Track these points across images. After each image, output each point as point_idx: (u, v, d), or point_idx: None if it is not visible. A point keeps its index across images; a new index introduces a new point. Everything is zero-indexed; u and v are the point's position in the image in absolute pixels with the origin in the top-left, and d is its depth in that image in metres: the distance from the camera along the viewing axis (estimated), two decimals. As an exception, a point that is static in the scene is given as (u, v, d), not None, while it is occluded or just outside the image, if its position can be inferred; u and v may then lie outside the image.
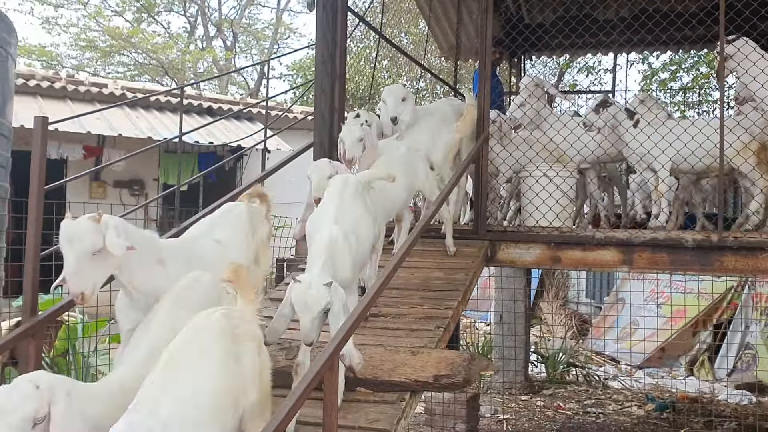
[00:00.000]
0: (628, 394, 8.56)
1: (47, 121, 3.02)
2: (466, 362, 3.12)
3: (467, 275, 4.41)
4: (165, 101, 12.73)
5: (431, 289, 4.26)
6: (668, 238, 4.66)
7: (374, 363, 3.22)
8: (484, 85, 5.18)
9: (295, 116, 12.78)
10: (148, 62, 22.50)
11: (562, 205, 5.19)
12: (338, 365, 2.62)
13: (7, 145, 3.77)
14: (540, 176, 5.21)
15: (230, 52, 24.03)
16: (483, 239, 4.98)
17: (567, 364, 9.38)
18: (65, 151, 11.17)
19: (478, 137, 5.06)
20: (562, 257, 4.86)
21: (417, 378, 3.13)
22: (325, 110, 5.43)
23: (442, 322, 3.79)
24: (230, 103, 14.07)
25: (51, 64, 20.81)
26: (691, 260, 4.61)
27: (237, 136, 11.89)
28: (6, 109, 3.82)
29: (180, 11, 25.36)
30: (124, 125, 11.37)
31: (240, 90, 24.96)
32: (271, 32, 24.81)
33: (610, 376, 9.38)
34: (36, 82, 11.65)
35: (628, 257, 4.74)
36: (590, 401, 8.24)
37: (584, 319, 12.22)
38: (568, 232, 5.01)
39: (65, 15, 23.09)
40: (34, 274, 3.07)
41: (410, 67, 9.12)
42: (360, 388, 3.17)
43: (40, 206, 3.01)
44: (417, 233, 3.57)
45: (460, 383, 3.09)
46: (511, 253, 4.98)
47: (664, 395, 8.23)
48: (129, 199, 12.02)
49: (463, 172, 4.87)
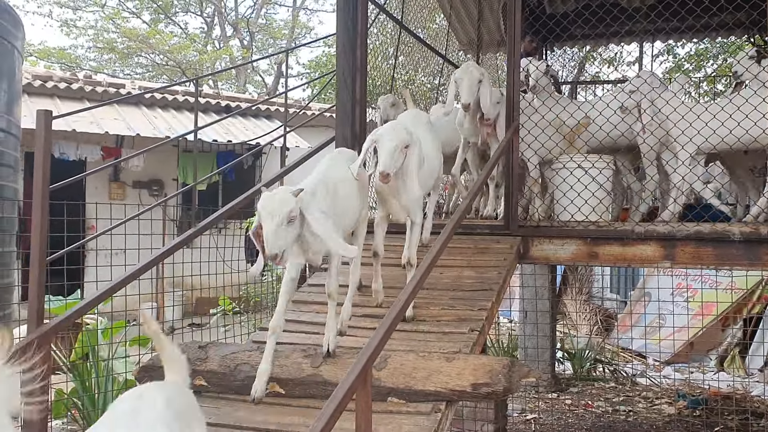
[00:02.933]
0: (658, 390, 8.35)
1: (50, 114, 2.84)
2: (505, 369, 2.89)
3: (500, 273, 4.17)
4: (183, 100, 12.67)
5: (462, 289, 4.03)
6: (713, 231, 4.41)
7: (406, 371, 3.01)
8: (513, 74, 4.95)
9: (313, 113, 12.64)
10: (166, 63, 22.49)
11: (598, 198, 4.93)
12: (371, 378, 2.40)
13: (16, 143, 3.61)
14: (575, 168, 4.96)
15: (247, 51, 23.95)
16: (515, 235, 4.75)
17: (594, 361, 9.20)
18: (84, 152, 11.15)
19: (508, 128, 4.83)
20: (600, 253, 4.63)
21: (453, 387, 2.91)
22: (347, 103, 5.25)
23: (477, 324, 3.57)
24: (248, 102, 13.97)
25: (70, 66, 20.84)
26: (738, 254, 4.36)
27: (255, 134, 11.78)
28: (13, 107, 3.65)
29: (197, 12, 25.39)
30: (141, 125, 11.33)
31: (257, 89, 24.90)
32: (288, 31, 24.71)
33: (638, 372, 9.15)
34: (53, 83, 11.62)
35: (669, 252, 4.50)
36: (619, 399, 8.03)
37: (609, 315, 11.98)
38: (605, 226, 4.76)
39: (84, 17, 23.19)
40: (40, 280, 2.87)
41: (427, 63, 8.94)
42: (392, 398, 2.96)
43: (45, 207, 2.81)
44: (451, 229, 3.35)
45: (501, 392, 2.86)
46: (544, 250, 4.74)
47: (695, 392, 7.99)
48: (148, 200, 11.95)
49: (495, 164, 4.65)
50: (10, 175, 3.97)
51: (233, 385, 3.34)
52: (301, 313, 4.02)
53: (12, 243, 3.90)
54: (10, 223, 3.97)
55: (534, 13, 8.55)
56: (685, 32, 8.93)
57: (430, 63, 9.13)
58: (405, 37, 7.60)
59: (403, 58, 7.83)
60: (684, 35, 9.65)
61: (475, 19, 8.93)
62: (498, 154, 4.51)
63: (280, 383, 3.22)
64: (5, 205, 4.22)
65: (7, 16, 4.15)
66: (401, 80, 8.04)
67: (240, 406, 3.25)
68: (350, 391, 2.17)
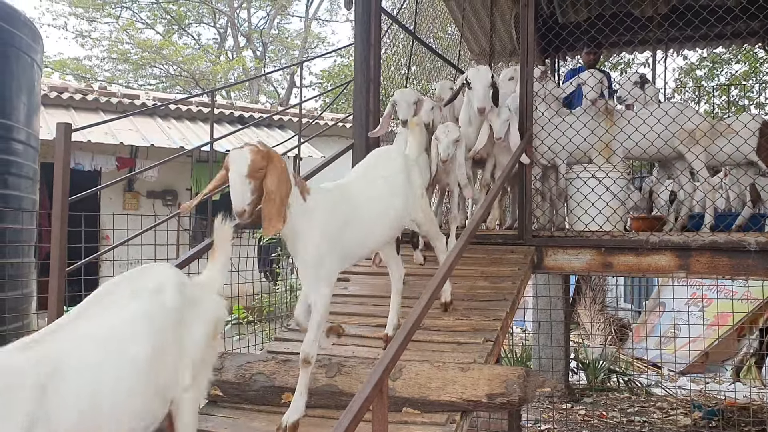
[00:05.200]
0: (673, 401, 8.26)
1: (70, 128, 2.88)
2: (521, 379, 2.89)
3: (514, 283, 4.17)
4: (197, 111, 12.75)
5: (477, 299, 4.03)
6: (729, 241, 4.39)
7: (421, 381, 3.00)
8: (526, 84, 4.96)
9: (326, 123, 12.67)
10: (179, 73, 22.67)
11: (612, 208, 4.93)
12: (387, 389, 2.41)
13: (34, 155, 3.65)
14: (588, 177, 4.96)
15: (260, 62, 24.10)
16: (529, 245, 4.75)
17: (608, 371, 9.14)
18: (98, 163, 11.24)
19: (522, 136, 4.84)
20: (614, 263, 4.62)
21: (468, 397, 2.90)
22: (362, 113, 5.29)
23: (491, 334, 3.56)
24: (261, 112, 14.04)
25: (85, 77, 21.06)
26: (755, 264, 4.34)
27: (269, 144, 11.80)
28: (32, 119, 3.70)
29: (210, 23, 25.59)
30: (156, 136, 11.40)
31: (270, 99, 25.03)
32: (300, 41, 24.85)
33: (653, 382, 9.08)
34: (69, 94, 11.73)
35: (684, 262, 4.48)
36: (633, 409, 7.97)
37: (623, 324, 11.90)
38: (619, 236, 4.75)
39: (98, 28, 23.45)
40: (60, 290, 2.90)
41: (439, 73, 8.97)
42: (407, 408, 2.96)
43: (64, 216, 2.84)
44: (465, 239, 3.35)
45: (516, 402, 2.85)
46: (558, 260, 4.74)
47: (710, 402, 7.90)
48: (162, 210, 12.03)
49: (509, 174, 4.65)
50: (29, 187, 4.03)
51: (248, 395, 3.35)
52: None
53: (31, 253, 3.95)
54: (29, 234, 4.03)
55: (547, 23, 8.57)
56: (699, 41, 8.90)
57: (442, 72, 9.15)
58: (417, 47, 7.64)
59: (416, 67, 7.86)
60: (697, 44, 9.63)
61: (487, 29, 8.97)
62: (512, 164, 4.52)
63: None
64: (24, 216, 4.28)
65: (27, 31, 4.22)
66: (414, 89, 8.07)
67: (256, 416, 3.26)
68: (367, 402, 2.17)
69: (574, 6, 8.89)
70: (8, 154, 4.30)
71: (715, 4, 6.29)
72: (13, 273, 4.40)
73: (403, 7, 7.46)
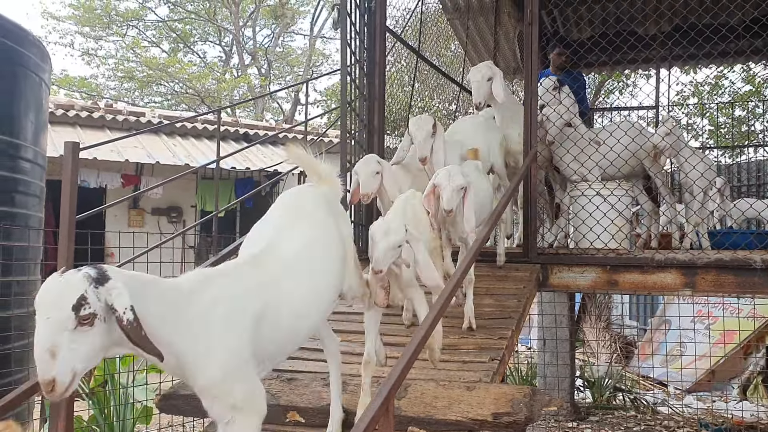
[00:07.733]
0: (679, 419, 8.18)
1: (78, 146, 2.89)
2: (527, 398, 2.87)
3: (520, 302, 4.16)
4: (202, 128, 12.81)
5: (482, 317, 4.01)
6: (734, 259, 4.38)
7: (427, 400, 2.99)
8: (531, 102, 4.98)
9: (330, 140, 12.71)
10: (185, 91, 22.80)
11: (617, 225, 4.93)
12: (393, 407, 2.40)
13: (41, 174, 3.67)
14: (593, 195, 4.96)
15: (265, 79, 24.25)
16: (534, 263, 4.74)
17: (614, 389, 9.08)
18: (104, 180, 11.29)
19: (526, 155, 4.85)
20: (620, 281, 4.62)
21: (474, 416, 2.88)
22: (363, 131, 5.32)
23: (497, 353, 3.55)
24: (266, 129, 14.10)
25: (91, 95, 21.20)
26: (761, 282, 4.34)
27: (273, 161, 11.87)
28: (40, 137, 3.73)
29: (215, 41, 25.79)
30: (161, 153, 11.45)
31: (275, 116, 25.16)
32: (305, 59, 25.01)
33: (659, 400, 9.00)
34: (75, 112, 11.81)
35: (690, 280, 4.48)
36: (640, 428, 7.90)
37: (629, 342, 11.84)
38: (625, 253, 4.74)
39: (104, 47, 23.64)
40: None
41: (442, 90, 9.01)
42: (412, 427, 2.94)
43: (71, 236, 2.85)
44: (471, 257, 3.35)
45: (522, 421, 2.83)
46: (564, 277, 4.74)
47: (717, 421, 7.82)
48: (167, 227, 12.06)
49: (514, 191, 4.65)
50: (36, 205, 4.05)
51: (254, 413, 3.33)
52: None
53: (37, 271, 3.96)
54: (35, 252, 4.04)
55: (551, 43, 8.61)
56: (702, 59, 8.93)
57: (445, 90, 9.19)
58: (421, 65, 7.68)
59: (419, 84, 7.90)
60: (701, 62, 9.66)
61: (491, 47, 9.00)
62: (517, 181, 4.52)
63: (300, 412, 3.20)
64: (30, 234, 4.30)
65: (36, 50, 4.26)
66: (417, 107, 8.10)
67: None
68: (373, 422, 2.16)
69: (578, 25, 8.94)
70: (16, 172, 4.34)
71: (719, 23, 6.33)
72: (19, 291, 4.42)
73: (406, 26, 7.51)
